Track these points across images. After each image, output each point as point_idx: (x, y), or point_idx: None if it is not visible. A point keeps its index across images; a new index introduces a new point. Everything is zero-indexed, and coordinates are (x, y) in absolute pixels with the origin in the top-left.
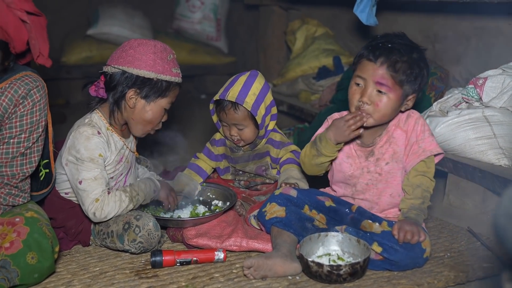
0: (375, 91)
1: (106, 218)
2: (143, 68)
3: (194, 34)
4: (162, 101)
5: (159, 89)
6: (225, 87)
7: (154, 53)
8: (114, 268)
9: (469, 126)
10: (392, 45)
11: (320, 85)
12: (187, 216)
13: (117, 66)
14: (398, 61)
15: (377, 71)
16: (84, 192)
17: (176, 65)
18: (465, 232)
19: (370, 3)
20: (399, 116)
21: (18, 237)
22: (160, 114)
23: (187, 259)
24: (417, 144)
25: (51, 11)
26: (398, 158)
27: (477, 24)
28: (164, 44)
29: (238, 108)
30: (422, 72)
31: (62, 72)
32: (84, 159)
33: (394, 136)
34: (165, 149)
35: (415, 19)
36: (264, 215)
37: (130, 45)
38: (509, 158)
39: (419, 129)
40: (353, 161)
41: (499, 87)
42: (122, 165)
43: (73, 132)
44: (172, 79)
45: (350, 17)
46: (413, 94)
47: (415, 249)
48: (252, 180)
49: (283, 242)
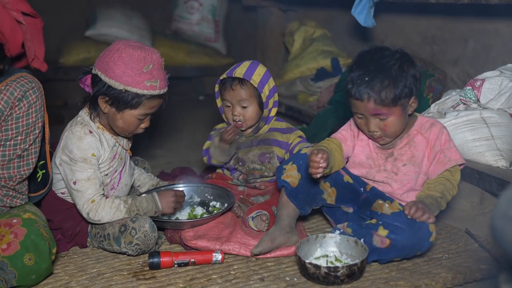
0: (377, 120)
1: (99, 221)
2: (112, 78)
3: (192, 36)
4: (132, 112)
5: (126, 101)
6: (231, 69)
7: (125, 63)
8: (112, 269)
9: (467, 127)
10: (370, 75)
11: (318, 86)
12: (185, 217)
13: (96, 69)
14: (381, 90)
15: (368, 107)
16: (78, 192)
17: (154, 76)
18: (463, 233)
19: (368, 5)
20: (421, 122)
21: (15, 238)
22: (133, 123)
23: (185, 261)
24: (443, 153)
25: (49, 13)
26: (415, 162)
27: (475, 26)
28: (147, 52)
29: (245, 84)
30: (409, 79)
31: (60, 73)
32: (77, 160)
33: (414, 140)
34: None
35: (413, 21)
36: (282, 172)
37: (110, 50)
38: (507, 160)
39: (443, 139)
40: (372, 161)
41: (496, 89)
42: (116, 161)
43: (66, 132)
44: (142, 92)
45: (348, 19)
46: (412, 97)
47: (422, 228)
48: (251, 172)
49: (286, 215)
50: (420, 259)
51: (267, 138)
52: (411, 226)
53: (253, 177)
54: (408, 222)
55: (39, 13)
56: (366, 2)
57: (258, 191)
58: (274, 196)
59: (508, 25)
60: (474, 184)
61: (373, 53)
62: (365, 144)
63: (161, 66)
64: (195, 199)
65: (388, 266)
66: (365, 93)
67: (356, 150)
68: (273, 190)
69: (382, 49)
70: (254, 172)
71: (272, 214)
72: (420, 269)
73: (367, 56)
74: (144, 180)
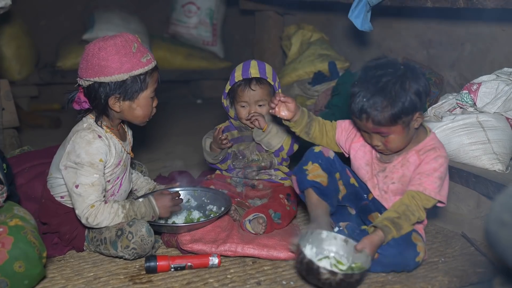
0: (378, 136)
1: (97, 226)
2: (113, 73)
3: (190, 39)
4: (145, 93)
5: (137, 85)
6: (241, 71)
7: (116, 53)
8: (108, 273)
9: (464, 131)
10: (368, 95)
11: (315, 90)
12: (182, 221)
13: (89, 79)
14: (378, 111)
15: (368, 125)
16: (80, 196)
17: (143, 51)
18: (459, 237)
19: (365, 9)
20: (425, 143)
21: (2, 248)
22: (149, 105)
23: (182, 265)
24: (419, 176)
25: (46, 16)
26: (405, 182)
27: (471, 30)
28: (123, 35)
29: (262, 83)
30: (410, 96)
31: (57, 77)
32: (84, 164)
33: (409, 160)
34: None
35: (410, 25)
36: (305, 173)
37: (92, 53)
38: (503, 163)
39: (432, 166)
40: (369, 169)
41: (493, 93)
42: (120, 168)
43: (73, 137)
44: (145, 69)
45: (345, 23)
46: (416, 113)
47: (409, 249)
48: (249, 165)
49: (322, 214)
50: None
51: None
52: (399, 244)
53: (251, 170)
54: (396, 241)
55: (37, 16)
56: (362, 6)
57: (256, 192)
58: (271, 199)
59: (504, 29)
60: (470, 188)
61: (376, 69)
62: (368, 150)
63: (140, 42)
64: (192, 203)
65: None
66: (364, 113)
67: (358, 154)
68: (271, 193)
69: (387, 65)
70: (252, 164)
71: (269, 217)
72: (417, 272)
73: (370, 72)
74: (141, 184)
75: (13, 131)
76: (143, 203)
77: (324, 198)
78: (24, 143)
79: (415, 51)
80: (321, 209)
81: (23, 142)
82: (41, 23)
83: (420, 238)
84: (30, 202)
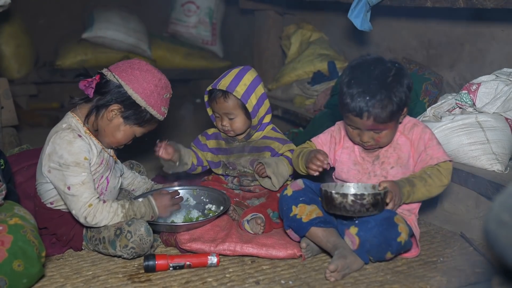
0: (371, 132)
1: (96, 225)
2: (139, 94)
3: (189, 38)
4: (137, 128)
5: (141, 118)
6: (218, 79)
7: (155, 85)
8: (107, 272)
9: (463, 131)
10: (370, 93)
11: (314, 89)
12: (181, 220)
13: (118, 78)
14: (381, 109)
15: (366, 123)
16: (74, 197)
17: (167, 105)
18: (458, 237)
19: (365, 9)
20: (403, 124)
21: (2, 246)
22: (129, 138)
23: (180, 264)
24: (425, 152)
25: (46, 15)
26: (403, 163)
27: (471, 30)
28: (168, 81)
29: (228, 97)
30: (405, 92)
31: (57, 76)
32: (69, 164)
33: (398, 142)
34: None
35: (409, 25)
36: (298, 218)
37: (140, 67)
38: (502, 164)
39: (426, 138)
40: (360, 167)
41: (492, 93)
42: (102, 167)
43: (52, 138)
44: (157, 115)
45: (345, 22)
46: (404, 108)
47: (390, 229)
48: (243, 175)
49: (338, 240)
50: (415, 262)
51: (259, 146)
52: (380, 224)
53: (246, 179)
54: (377, 221)
55: (36, 15)
56: (362, 5)
57: (253, 194)
58: (269, 198)
59: (504, 29)
60: (469, 188)
61: (370, 66)
62: (350, 151)
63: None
64: (190, 202)
65: (383, 269)
66: (366, 111)
67: (342, 157)
68: (268, 193)
69: (378, 62)
70: (246, 174)
71: (267, 217)
72: (415, 272)
73: (365, 70)
74: (139, 184)
75: (12, 129)
76: (142, 203)
77: (329, 225)
78: (23, 142)
79: (414, 51)
80: (333, 236)
81: (22, 140)
82: (40, 22)
83: (402, 220)
84: (29, 201)
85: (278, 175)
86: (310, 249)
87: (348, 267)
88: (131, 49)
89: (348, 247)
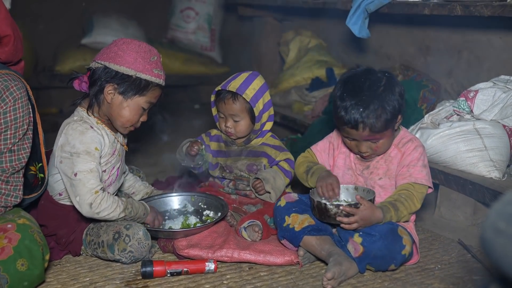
0: (368, 142)
1: (98, 214)
2: (123, 65)
3: (188, 44)
4: (139, 99)
5: (137, 87)
6: (227, 80)
7: (136, 51)
8: (105, 278)
9: (460, 138)
10: (364, 104)
11: (313, 96)
12: (178, 226)
13: (100, 62)
14: (376, 119)
15: (363, 134)
16: (80, 182)
17: (159, 66)
18: (455, 244)
19: (363, 16)
20: (401, 137)
21: (9, 243)
22: (137, 112)
23: (178, 270)
24: (407, 168)
25: (45, 20)
26: (391, 175)
27: (469, 38)
28: (150, 46)
29: (237, 99)
30: (398, 100)
31: (56, 81)
32: (80, 153)
33: (390, 155)
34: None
35: (407, 32)
36: (291, 228)
37: (116, 43)
38: (500, 171)
39: (415, 156)
40: (352, 172)
41: (489, 100)
42: (115, 158)
43: (64, 129)
44: (152, 78)
45: (343, 29)
46: (399, 115)
47: (395, 242)
48: (239, 178)
49: (332, 247)
50: (413, 269)
51: (257, 151)
52: (385, 237)
53: (242, 183)
54: (382, 234)
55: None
56: (360, 12)
57: (250, 199)
58: (266, 205)
59: (501, 36)
60: (467, 195)
61: (360, 78)
62: (346, 156)
63: (161, 61)
64: (188, 208)
65: (381, 276)
66: (361, 122)
67: (338, 162)
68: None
69: (368, 73)
70: (242, 178)
71: (265, 224)
72: (413, 279)
73: (356, 82)
74: (139, 187)
75: None
76: (138, 202)
77: (322, 233)
78: None
79: (412, 58)
80: (327, 244)
81: None
82: (40, 27)
83: (406, 232)
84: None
85: (276, 189)
86: (307, 256)
87: (344, 274)
88: None
89: (342, 253)
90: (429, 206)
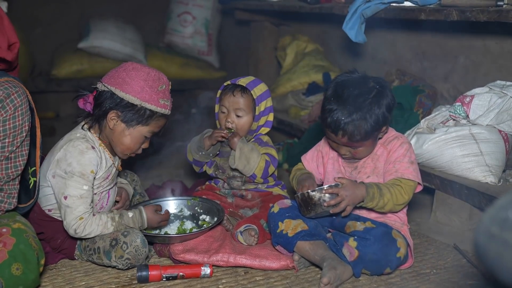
0: (348, 148)
1: (85, 236)
2: (130, 93)
3: (185, 49)
4: (142, 128)
5: (141, 117)
6: (234, 79)
7: (144, 80)
8: (100, 282)
9: (456, 143)
10: (345, 113)
11: (309, 100)
12: (174, 231)
13: (107, 85)
14: (354, 130)
15: (341, 140)
16: (68, 208)
17: (166, 96)
18: (451, 249)
19: (359, 21)
20: (387, 135)
21: (4, 247)
22: (139, 141)
23: (173, 274)
24: (393, 165)
25: (42, 24)
26: (378, 173)
27: (465, 43)
28: (160, 73)
29: (246, 93)
30: (384, 113)
31: (52, 85)
32: (75, 173)
33: (377, 153)
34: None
35: (404, 37)
36: (284, 234)
37: (125, 68)
38: (496, 176)
39: (401, 152)
40: (342, 175)
41: (485, 105)
42: (108, 182)
43: (65, 145)
44: (157, 109)
45: (340, 34)
46: (384, 126)
47: (390, 244)
48: (231, 177)
49: (326, 252)
50: (408, 274)
51: None
52: (380, 241)
53: (235, 180)
54: (377, 237)
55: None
56: (357, 17)
57: (246, 202)
58: (262, 209)
59: (497, 42)
60: (463, 200)
61: (352, 85)
62: (335, 161)
63: (169, 89)
64: (185, 213)
65: (376, 281)
66: (340, 129)
67: (328, 168)
68: (261, 203)
69: (361, 81)
70: (235, 177)
71: (261, 228)
72: (408, 284)
73: (346, 88)
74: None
75: None
76: (133, 216)
77: (315, 238)
78: None
79: (409, 63)
80: (320, 248)
81: None
82: (37, 31)
83: (400, 235)
84: None
85: (242, 155)
86: (302, 261)
87: (339, 278)
88: (127, 59)
89: (336, 257)
90: (425, 211)
